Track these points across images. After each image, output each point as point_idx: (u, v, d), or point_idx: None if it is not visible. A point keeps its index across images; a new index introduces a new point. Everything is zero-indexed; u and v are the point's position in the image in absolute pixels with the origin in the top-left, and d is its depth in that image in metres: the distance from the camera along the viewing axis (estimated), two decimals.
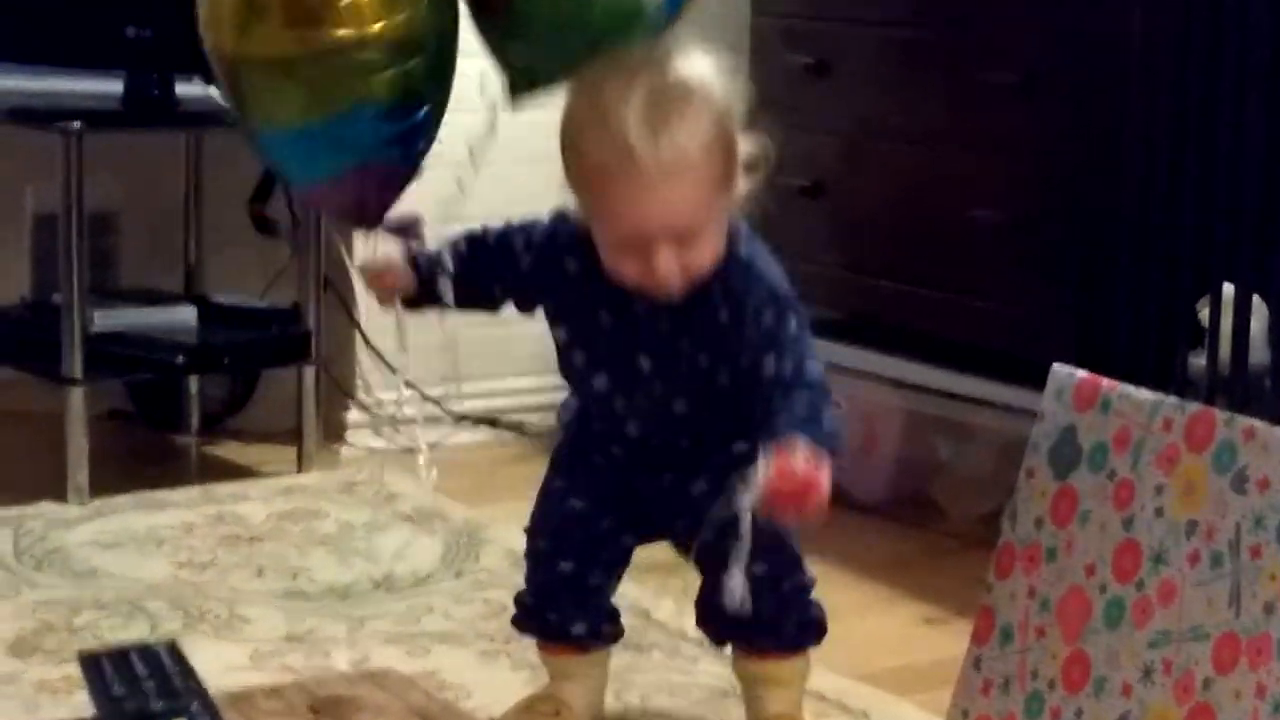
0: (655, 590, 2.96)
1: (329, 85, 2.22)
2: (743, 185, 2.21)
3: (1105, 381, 2.35)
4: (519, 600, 2.49)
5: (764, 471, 2.02)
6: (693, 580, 2.39)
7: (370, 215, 2.36)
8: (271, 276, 4.02)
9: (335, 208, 2.43)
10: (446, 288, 2.34)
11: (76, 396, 3.51)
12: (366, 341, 4.00)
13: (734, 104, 2.19)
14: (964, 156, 3.42)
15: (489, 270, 2.38)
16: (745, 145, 2.20)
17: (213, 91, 2.35)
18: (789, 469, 2.01)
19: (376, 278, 2.38)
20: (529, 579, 2.46)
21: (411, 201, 2.38)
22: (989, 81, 3.33)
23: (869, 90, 3.61)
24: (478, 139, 2.35)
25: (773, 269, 2.26)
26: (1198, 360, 3.03)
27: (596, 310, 2.30)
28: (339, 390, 4.05)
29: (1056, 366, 2.42)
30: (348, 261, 3.91)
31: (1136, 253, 3.10)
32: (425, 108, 2.30)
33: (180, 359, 3.66)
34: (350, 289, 3.93)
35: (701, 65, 2.19)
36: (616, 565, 2.46)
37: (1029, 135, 3.29)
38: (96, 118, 3.58)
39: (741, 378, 2.24)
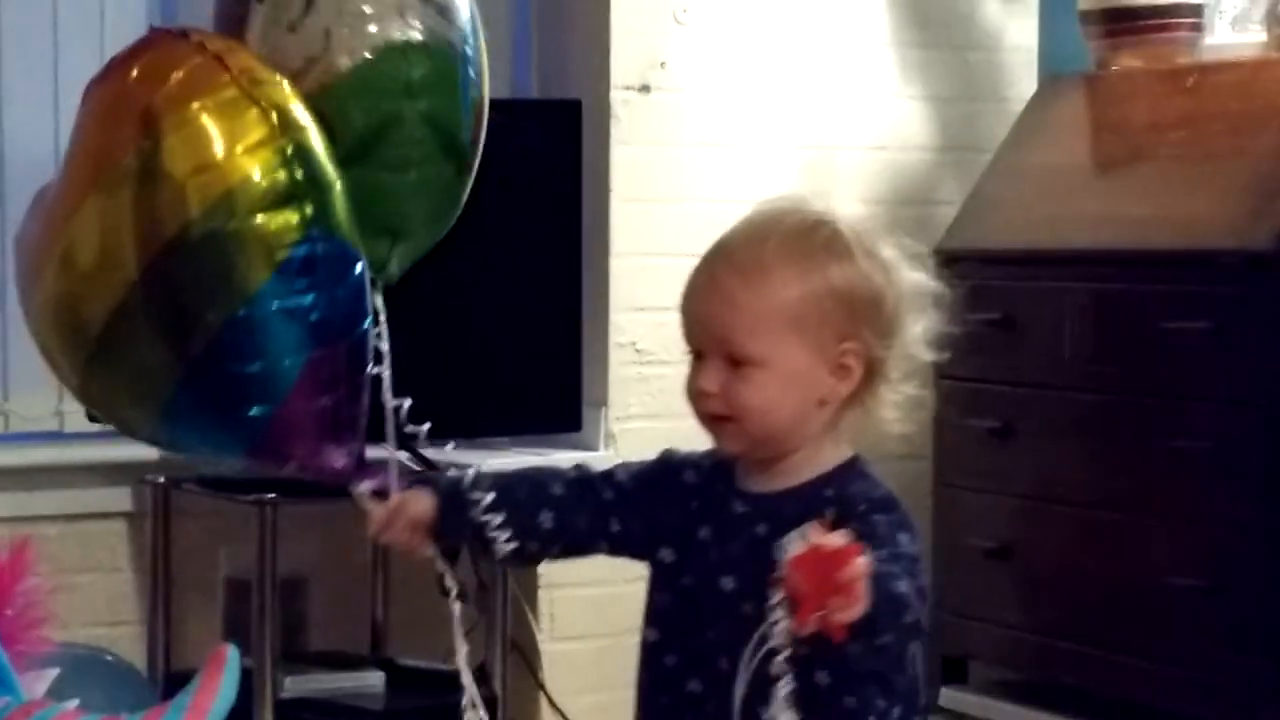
0: None
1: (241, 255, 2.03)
2: (854, 387, 1.98)
3: None
4: None
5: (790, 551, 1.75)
6: None
7: (344, 423, 2.08)
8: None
9: (303, 447, 2.12)
10: (495, 515, 2.09)
11: None
12: (552, 703, 4.00)
13: (887, 291, 1.98)
14: (1153, 521, 3.40)
15: (589, 491, 2.11)
16: (880, 346, 1.97)
17: (401, 456, 2.23)
18: (821, 541, 1.74)
19: (392, 517, 2.12)
20: None
21: None
22: (1178, 448, 3.32)
23: (1053, 454, 3.60)
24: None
25: (891, 492, 2.02)
26: None
27: (699, 526, 2.07)
28: None
29: None
30: (533, 624, 3.92)
31: None
32: (357, 260, 2.10)
33: None
34: (535, 650, 3.93)
35: (877, 240, 2.00)
36: None
37: (1222, 502, 3.27)
38: (289, 488, 3.64)
39: None
